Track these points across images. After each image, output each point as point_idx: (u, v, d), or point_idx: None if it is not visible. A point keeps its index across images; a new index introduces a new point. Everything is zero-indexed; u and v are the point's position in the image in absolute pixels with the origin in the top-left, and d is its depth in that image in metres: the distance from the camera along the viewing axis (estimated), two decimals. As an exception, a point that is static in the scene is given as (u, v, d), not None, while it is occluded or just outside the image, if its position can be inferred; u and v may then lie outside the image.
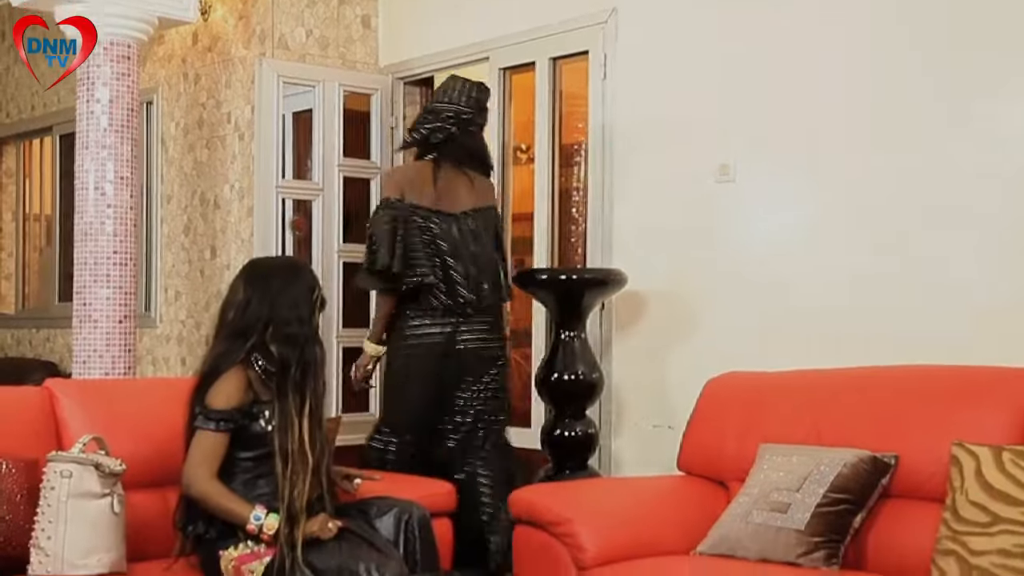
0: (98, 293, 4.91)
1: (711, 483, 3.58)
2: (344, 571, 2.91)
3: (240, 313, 3.16)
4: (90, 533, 3.02)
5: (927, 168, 3.72)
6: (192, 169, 6.14)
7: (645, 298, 4.43)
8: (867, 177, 3.87)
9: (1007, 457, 2.82)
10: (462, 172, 4.19)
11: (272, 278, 3.19)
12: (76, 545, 3.00)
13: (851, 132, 3.91)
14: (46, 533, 3.02)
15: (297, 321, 3.14)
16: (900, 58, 3.79)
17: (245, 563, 3.03)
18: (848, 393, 3.38)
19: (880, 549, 3.09)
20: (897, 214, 3.79)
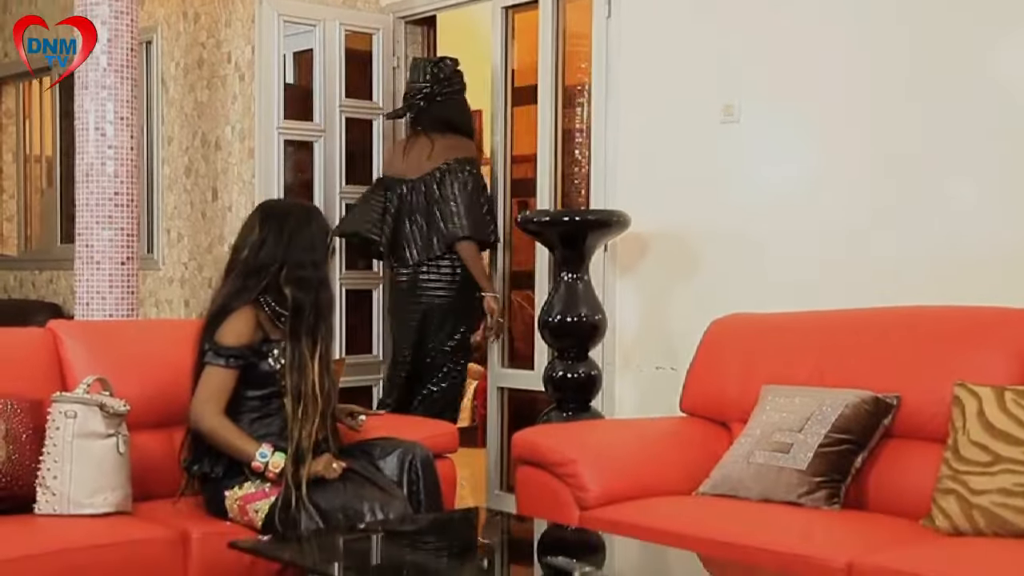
0: (100, 235, 4.90)
1: (713, 424, 3.59)
2: (348, 510, 2.94)
3: (254, 252, 3.16)
4: (96, 473, 3.04)
5: (932, 112, 3.69)
6: (193, 110, 6.10)
7: (648, 240, 4.42)
8: (872, 120, 3.84)
9: (1009, 397, 2.83)
10: (427, 138, 4.87)
11: (288, 219, 3.20)
12: (82, 484, 3.02)
13: (857, 74, 3.87)
14: (52, 472, 3.04)
15: (312, 264, 3.15)
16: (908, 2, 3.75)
17: (250, 502, 3.05)
18: (851, 334, 3.38)
19: (881, 489, 3.11)
20: (902, 156, 3.76)
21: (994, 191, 3.57)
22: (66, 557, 2.80)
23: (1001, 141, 3.54)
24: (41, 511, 3.04)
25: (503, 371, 5.09)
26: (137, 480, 3.33)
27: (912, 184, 3.73)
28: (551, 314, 4.18)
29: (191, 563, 2.96)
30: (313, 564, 2.78)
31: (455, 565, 2.80)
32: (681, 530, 2.88)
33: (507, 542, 3.01)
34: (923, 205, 3.71)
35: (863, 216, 3.85)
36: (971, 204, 3.61)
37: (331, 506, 2.95)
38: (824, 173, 3.97)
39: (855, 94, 3.88)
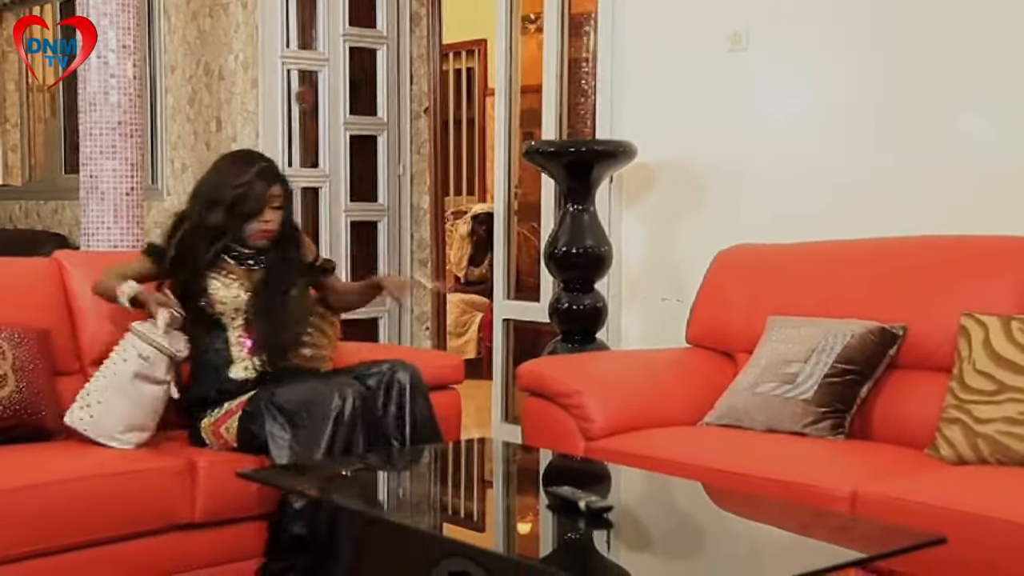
0: (104, 165, 4.87)
1: (719, 355, 3.60)
2: (312, 404, 2.94)
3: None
4: (138, 412, 3.07)
5: (941, 42, 3.63)
6: (195, 38, 6.04)
7: (655, 171, 4.39)
8: (880, 49, 3.79)
9: (1016, 326, 2.82)
10: None
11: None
12: (122, 420, 3.05)
13: (865, 4, 3.82)
14: (98, 396, 3.05)
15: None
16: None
17: (221, 424, 3.11)
18: (857, 265, 3.37)
19: (886, 419, 3.12)
20: (908, 86, 3.72)
21: (1002, 121, 3.53)
22: (74, 486, 2.82)
23: (1011, 71, 3.49)
24: (72, 424, 3.05)
25: (508, 303, 5.09)
26: (145, 409, 3.35)
27: (919, 114, 3.70)
28: (556, 245, 4.17)
29: (198, 491, 2.98)
30: (317, 494, 2.80)
31: (461, 495, 2.82)
32: (686, 460, 2.90)
33: (513, 472, 3.03)
34: (930, 135, 3.67)
35: (870, 147, 3.82)
36: (979, 134, 3.58)
37: (294, 400, 2.96)
38: (831, 104, 3.93)
39: (863, 23, 3.83)
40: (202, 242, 3.21)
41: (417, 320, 5.92)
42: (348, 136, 5.47)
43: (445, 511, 2.61)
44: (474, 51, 8.33)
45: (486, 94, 8.11)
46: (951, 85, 3.62)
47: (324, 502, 2.83)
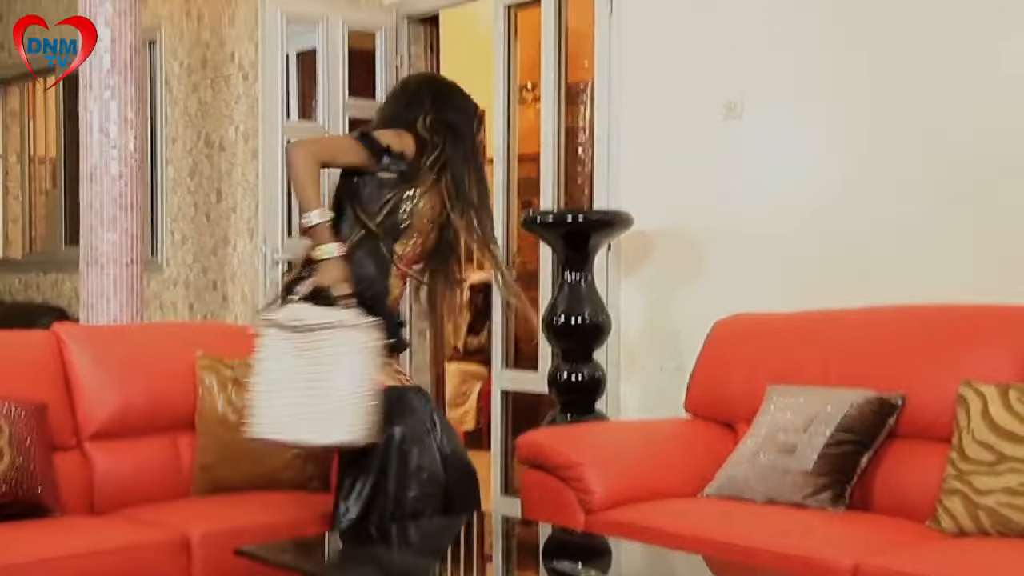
0: (104, 237, 4.89)
1: (718, 425, 3.58)
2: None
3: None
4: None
5: (934, 110, 3.67)
6: (197, 110, 6.10)
7: (652, 239, 4.41)
8: (875, 115, 3.82)
9: (1014, 395, 2.82)
10: None
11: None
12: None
13: (858, 72, 3.86)
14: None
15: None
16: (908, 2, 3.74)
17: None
18: (855, 333, 3.37)
19: (886, 489, 3.10)
20: (904, 154, 3.74)
21: (996, 189, 3.55)
22: (68, 564, 2.81)
23: (1003, 140, 3.52)
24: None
25: (507, 373, 5.08)
26: (141, 484, 3.35)
27: (915, 182, 3.72)
28: (555, 315, 4.17)
29: (194, 567, 2.96)
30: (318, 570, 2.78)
31: (461, 570, 2.79)
32: (686, 532, 2.87)
33: (513, 547, 3.00)
34: (927, 203, 3.69)
35: (867, 215, 3.83)
36: (974, 203, 3.59)
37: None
38: (827, 171, 3.96)
39: (856, 91, 3.87)
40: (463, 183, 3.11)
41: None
42: (348, 205, 5.49)
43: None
44: (473, 119, 8.40)
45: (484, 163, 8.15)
46: (945, 151, 3.65)
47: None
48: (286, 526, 3.08)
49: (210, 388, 3.49)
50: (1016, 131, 3.49)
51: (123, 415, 3.43)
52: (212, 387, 3.49)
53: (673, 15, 4.39)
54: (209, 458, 3.45)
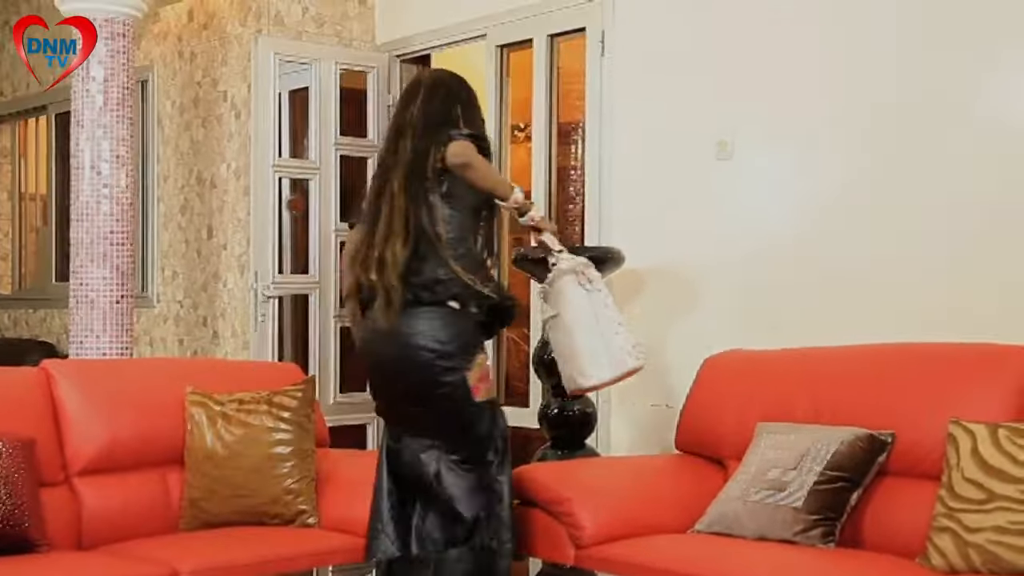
0: (94, 273, 4.90)
1: (709, 462, 3.58)
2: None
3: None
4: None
5: (927, 149, 3.70)
6: (188, 148, 6.12)
7: (643, 276, 4.43)
8: (865, 152, 3.86)
9: (1003, 434, 2.82)
10: None
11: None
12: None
13: (850, 112, 3.90)
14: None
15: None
16: (900, 37, 3.77)
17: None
18: (846, 371, 3.38)
19: (877, 526, 3.09)
20: (896, 194, 3.77)
21: (990, 228, 3.57)
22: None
23: (998, 181, 3.55)
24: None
25: (498, 408, 5.07)
26: (129, 519, 3.33)
27: (906, 222, 3.74)
28: (546, 351, 4.17)
29: (183, 604, 2.94)
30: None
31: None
32: (677, 569, 2.87)
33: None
34: (919, 243, 3.71)
35: (858, 253, 3.86)
36: (966, 241, 3.62)
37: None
38: (818, 209, 3.99)
39: (848, 132, 3.91)
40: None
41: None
42: (339, 243, 5.51)
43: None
44: (464, 159, 8.44)
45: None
46: (940, 193, 3.67)
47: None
48: (276, 561, 3.07)
49: (199, 423, 3.49)
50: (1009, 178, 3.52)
51: (111, 450, 3.42)
52: (202, 422, 3.49)
53: (665, 55, 4.44)
54: (198, 493, 3.43)
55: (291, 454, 3.49)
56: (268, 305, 5.27)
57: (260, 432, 3.49)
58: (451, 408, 3.18)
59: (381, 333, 3.19)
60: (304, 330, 5.54)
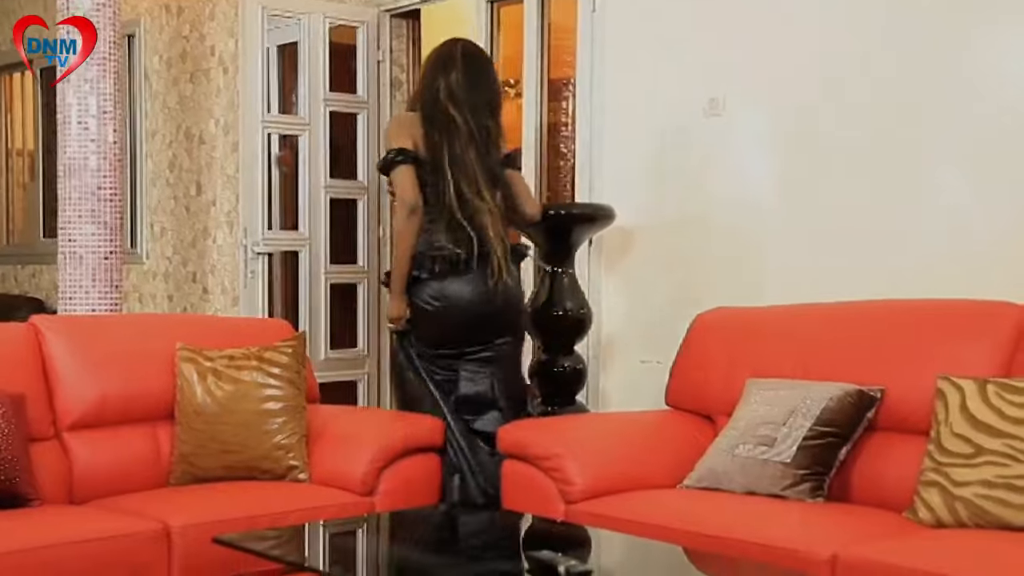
0: (83, 229, 4.87)
1: (698, 418, 3.60)
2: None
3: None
4: None
5: (917, 104, 3.69)
6: (176, 103, 6.08)
7: (634, 233, 4.42)
8: (858, 111, 3.85)
9: (992, 390, 2.84)
10: None
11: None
12: None
13: (841, 68, 3.88)
14: None
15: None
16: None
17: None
18: (835, 327, 3.39)
19: (865, 481, 3.12)
20: (886, 149, 3.77)
21: (979, 183, 3.58)
22: (47, 554, 2.79)
23: (987, 132, 3.54)
24: None
25: (488, 365, 5.08)
26: (120, 474, 3.34)
27: (896, 177, 3.74)
28: (536, 308, 4.18)
29: (174, 557, 2.95)
30: (296, 560, 2.77)
31: (441, 560, 2.79)
32: (666, 523, 2.88)
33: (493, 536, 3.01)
34: (907, 198, 3.72)
35: (848, 210, 3.86)
36: (956, 196, 3.62)
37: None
38: (808, 166, 3.98)
39: (839, 87, 3.89)
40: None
41: (396, 383, 5.90)
42: (328, 199, 5.49)
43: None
44: (454, 115, 8.40)
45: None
46: (930, 149, 3.67)
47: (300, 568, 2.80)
48: (266, 516, 3.07)
49: (189, 379, 3.49)
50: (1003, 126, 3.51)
51: (101, 406, 3.43)
52: (192, 378, 3.48)
53: (656, 11, 4.41)
54: (188, 448, 3.44)
55: (282, 410, 3.49)
56: (257, 262, 5.26)
57: (251, 388, 3.49)
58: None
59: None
60: (294, 286, 5.54)
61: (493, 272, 3.84)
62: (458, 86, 3.90)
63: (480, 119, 3.91)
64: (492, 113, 3.96)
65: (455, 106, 3.88)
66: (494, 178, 3.92)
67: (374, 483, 3.39)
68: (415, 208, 3.80)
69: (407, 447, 3.51)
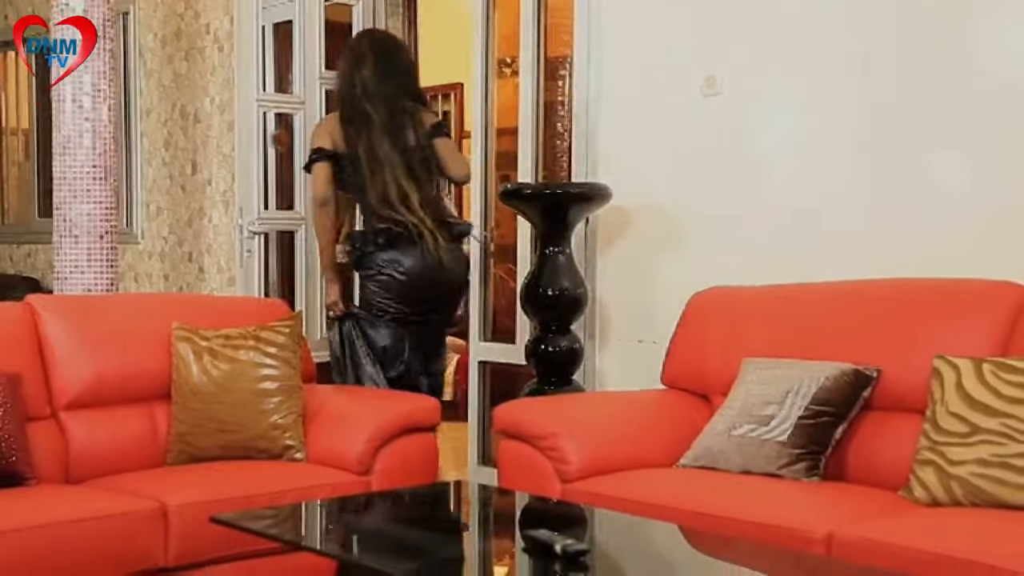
0: (78, 208, 4.86)
1: (694, 397, 3.60)
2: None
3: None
4: None
5: (915, 84, 3.68)
6: (171, 82, 6.06)
7: (630, 213, 4.42)
8: (854, 92, 3.83)
9: (988, 369, 2.84)
10: None
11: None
12: None
13: (840, 47, 3.86)
14: None
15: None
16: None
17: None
18: (831, 307, 3.39)
19: (861, 460, 3.12)
20: (885, 129, 3.76)
21: (976, 163, 3.57)
22: (45, 532, 2.79)
23: (984, 114, 3.54)
24: None
25: (484, 345, 5.08)
26: (116, 454, 3.34)
27: (895, 157, 3.73)
28: (533, 287, 4.17)
29: (171, 535, 2.95)
30: (293, 538, 2.78)
31: (437, 538, 2.80)
32: (662, 502, 2.89)
33: (489, 515, 3.01)
34: (906, 178, 3.71)
35: (846, 189, 3.85)
36: (954, 177, 3.62)
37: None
38: (806, 146, 3.97)
39: (838, 66, 3.88)
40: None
41: (393, 362, 5.90)
42: (324, 179, 5.46)
43: (421, 554, 2.59)
44: (450, 95, 8.38)
45: (462, 137, 8.15)
46: (928, 129, 3.66)
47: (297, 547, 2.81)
48: (263, 495, 3.08)
49: (186, 358, 3.48)
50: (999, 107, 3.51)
51: (98, 385, 3.42)
52: (188, 357, 3.48)
53: (652, -11, 4.38)
54: (185, 428, 3.44)
55: (278, 389, 3.49)
56: (253, 241, 5.25)
57: (247, 367, 3.49)
58: None
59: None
60: (290, 266, 5.53)
61: (428, 247, 4.28)
62: (371, 80, 4.33)
63: (397, 104, 4.34)
64: (409, 94, 4.40)
65: (369, 100, 4.31)
66: (420, 161, 4.35)
67: (371, 462, 3.39)
68: (324, 201, 4.33)
69: (403, 426, 3.51)
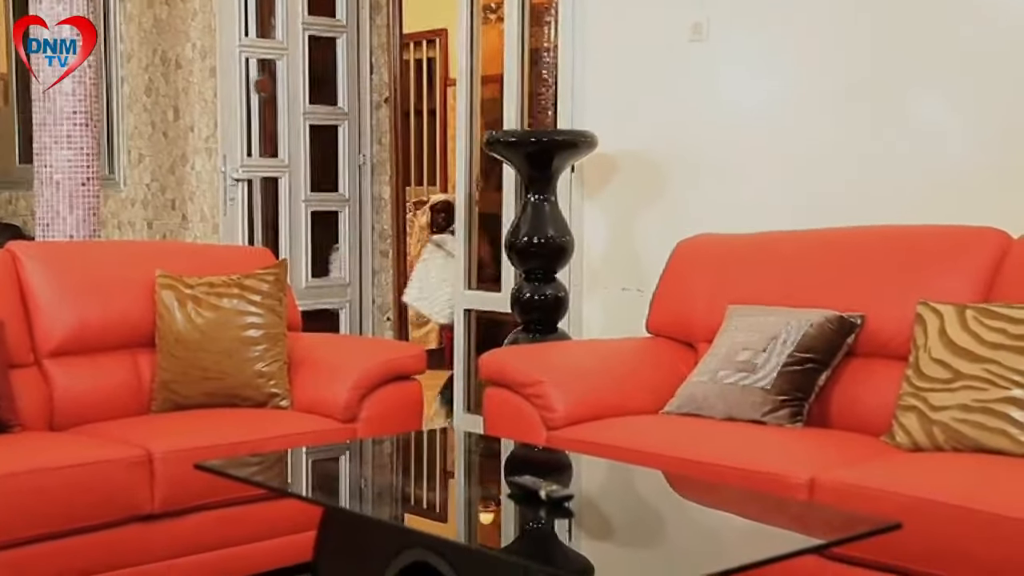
0: (59, 155, 4.81)
1: (679, 344, 3.61)
2: None
3: None
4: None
5: (901, 33, 3.66)
6: (152, 26, 5.98)
7: (616, 161, 4.40)
8: (840, 39, 3.81)
9: (970, 315, 2.85)
10: None
11: None
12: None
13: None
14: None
15: None
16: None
17: None
18: (816, 254, 3.39)
19: (844, 406, 3.14)
20: (868, 76, 3.74)
21: (961, 112, 3.57)
22: (30, 479, 2.78)
23: (969, 63, 3.52)
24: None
25: (470, 293, 5.09)
26: (101, 401, 3.33)
27: (880, 105, 3.72)
28: (518, 236, 4.16)
29: (156, 482, 2.96)
30: (279, 485, 2.79)
31: (423, 485, 2.81)
32: (647, 448, 2.90)
33: (474, 462, 3.03)
34: (891, 126, 3.70)
35: (831, 137, 3.84)
36: (938, 125, 3.61)
37: None
38: (792, 93, 3.96)
39: (823, 14, 3.85)
40: None
41: (379, 310, 5.91)
42: (308, 126, 5.43)
43: (406, 501, 2.60)
44: (435, 41, 8.31)
45: (447, 84, 8.09)
46: (911, 75, 3.65)
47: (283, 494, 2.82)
48: (247, 443, 3.08)
49: (169, 306, 3.47)
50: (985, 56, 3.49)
51: (81, 332, 3.41)
52: (172, 305, 3.47)
53: (639, -67, 4.33)
54: (169, 376, 3.43)
55: (263, 337, 3.48)
56: (237, 188, 5.22)
57: (231, 315, 3.48)
58: None
59: None
60: (275, 213, 5.50)
61: None
62: None
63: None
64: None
65: None
66: None
67: (356, 410, 3.40)
68: None
69: (389, 374, 3.51)
